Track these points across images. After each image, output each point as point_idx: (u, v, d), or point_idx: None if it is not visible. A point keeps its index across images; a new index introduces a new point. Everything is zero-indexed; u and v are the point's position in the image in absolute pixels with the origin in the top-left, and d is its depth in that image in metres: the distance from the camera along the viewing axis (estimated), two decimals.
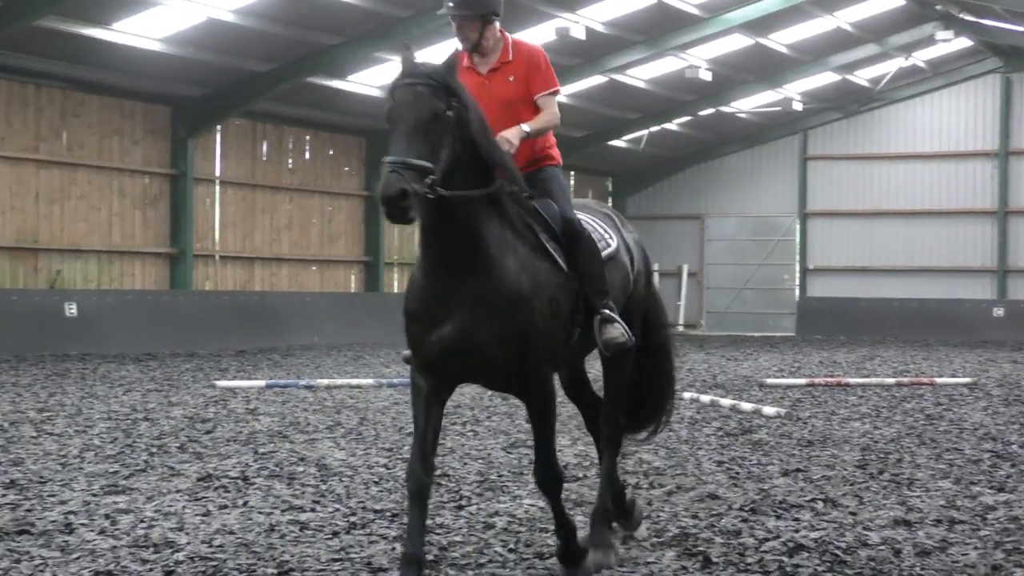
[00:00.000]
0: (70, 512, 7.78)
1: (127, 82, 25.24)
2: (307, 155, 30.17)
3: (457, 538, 7.15)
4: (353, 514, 7.82)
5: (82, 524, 7.43)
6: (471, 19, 6.54)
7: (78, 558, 6.60)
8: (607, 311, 6.36)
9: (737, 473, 9.55)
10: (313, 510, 7.96)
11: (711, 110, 35.62)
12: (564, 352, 6.37)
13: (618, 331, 6.36)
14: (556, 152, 6.89)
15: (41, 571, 6.36)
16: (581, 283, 6.32)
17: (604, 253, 6.63)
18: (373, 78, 27.85)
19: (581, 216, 6.67)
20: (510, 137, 6.35)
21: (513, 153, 6.29)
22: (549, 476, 6.21)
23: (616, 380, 7.11)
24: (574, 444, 11.07)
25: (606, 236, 6.82)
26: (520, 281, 5.91)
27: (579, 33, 26.47)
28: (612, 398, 7.16)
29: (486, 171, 5.99)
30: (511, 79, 6.63)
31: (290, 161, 29.77)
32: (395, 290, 32.44)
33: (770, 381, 17.96)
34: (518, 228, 6.09)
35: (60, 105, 24.61)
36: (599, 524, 6.79)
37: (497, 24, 6.64)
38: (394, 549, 6.87)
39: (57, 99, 24.53)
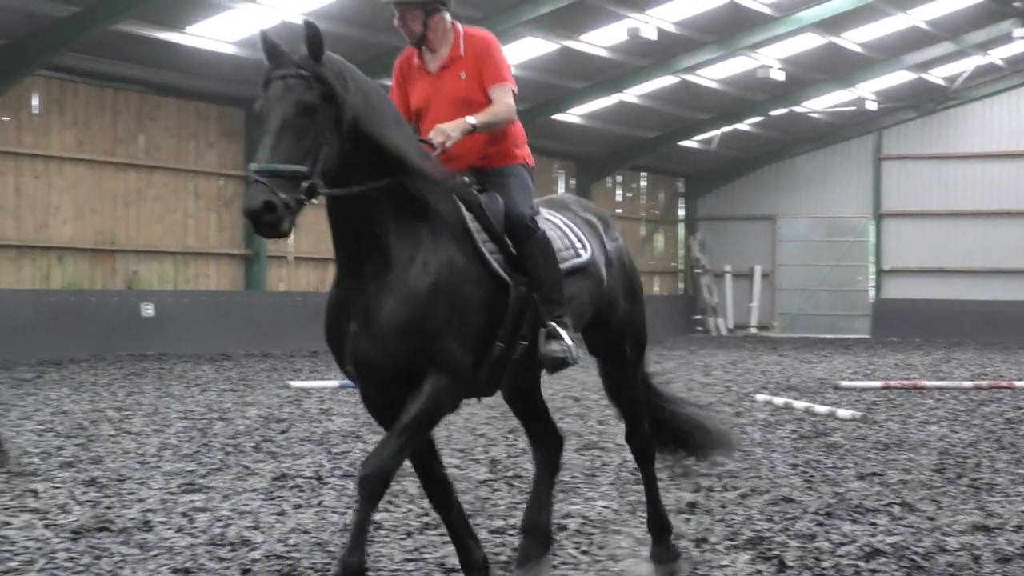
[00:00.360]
0: (148, 510, 7.88)
1: (202, 85, 25.52)
2: None
3: None
4: (426, 514, 7.83)
5: (160, 522, 7.52)
6: (412, 8, 5.89)
7: (156, 555, 6.68)
8: (554, 324, 5.68)
9: (812, 477, 9.46)
10: (386, 510, 7.98)
11: (783, 110, 35.33)
12: (491, 369, 5.65)
13: (560, 346, 5.67)
14: (523, 152, 6.19)
15: (120, 568, 6.44)
16: (530, 289, 5.69)
17: (572, 262, 6.01)
18: None
19: (553, 219, 6.15)
20: (448, 129, 5.71)
21: (447, 147, 5.67)
22: (376, 474, 5.22)
23: (622, 397, 6.65)
24: None
25: (577, 244, 6.13)
26: (421, 281, 5.32)
27: (650, 33, 26.37)
28: (628, 418, 6.69)
29: (395, 166, 5.38)
30: (462, 75, 5.95)
31: None
32: None
33: (845, 384, 17.80)
34: (444, 226, 5.48)
35: (137, 108, 24.93)
36: (660, 539, 6.59)
37: (447, 15, 5.98)
38: None
39: (134, 102, 24.86)
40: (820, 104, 36.10)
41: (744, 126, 36.65)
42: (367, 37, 24.54)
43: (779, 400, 15.03)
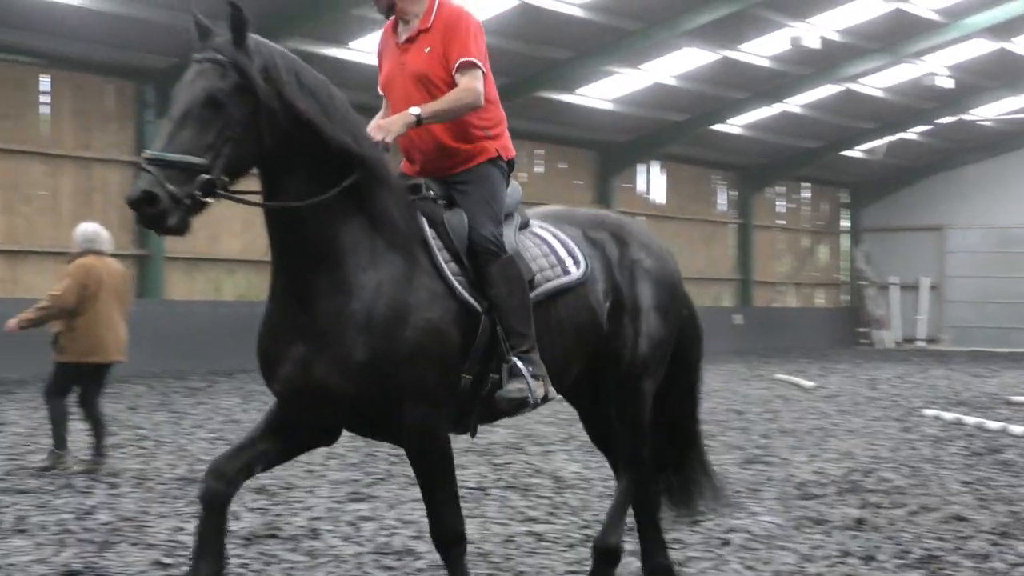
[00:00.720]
0: (316, 518, 8.03)
1: (364, 100, 25.83)
2: (539, 168, 30.46)
3: (693, 554, 7.09)
4: (588, 527, 7.82)
5: (327, 530, 7.66)
6: None
7: (324, 563, 6.80)
8: (516, 360, 5.08)
9: (985, 494, 9.18)
10: (548, 522, 8.01)
11: (952, 118, 34.45)
12: (465, 399, 5.17)
13: (518, 385, 5.06)
14: (497, 143, 5.56)
15: (290, 575, 6.57)
16: (495, 319, 5.12)
17: (558, 282, 5.42)
18: (603, 91, 27.97)
19: (543, 232, 5.58)
20: (387, 124, 5.14)
21: (388, 143, 5.09)
22: (448, 538, 5.21)
23: (624, 419, 5.97)
24: (811, 461, 10.84)
25: (567, 261, 5.52)
26: (377, 302, 4.84)
27: (813, 42, 26.00)
28: (626, 444, 6.05)
29: (345, 166, 4.88)
30: (427, 50, 5.31)
31: (523, 175, 30.13)
32: None
33: (1018, 399, 17.24)
34: (401, 241, 4.98)
35: None
36: (604, 568, 6.03)
37: None
38: (628, 563, 6.86)
39: None
40: (990, 112, 35.09)
41: (910, 135, 35.84)
42: (532, 51, 24.72)
43: (949, 415, 14.64)
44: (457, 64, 5.27)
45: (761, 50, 27.32)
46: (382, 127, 5.13)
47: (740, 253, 36.09)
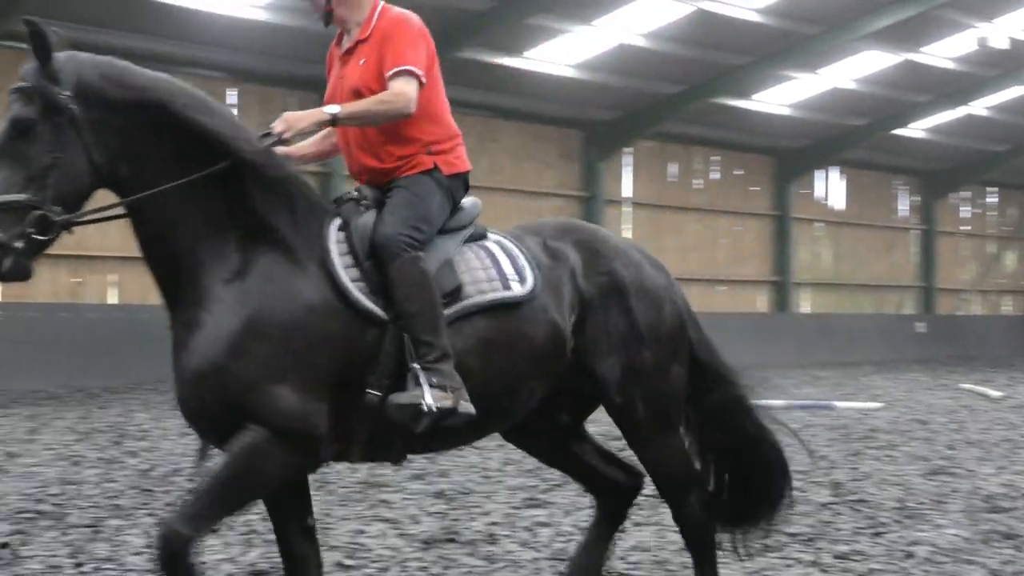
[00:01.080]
0: (493, 523, 8.10)
1: (541, 108, 26.11)
2: (715, 175, 30.22)
3: (876, 566, 6.94)
4: (766, 536, 7.71)
5: (504, 535, 7.71)
6: None
7: (502, 568, 6.85)
8: (416, 368, 4.57)
9: None
10: None
11: None
12: (370, 424, 4.67)
13: (411, 393, 4.56)
14: (438, 157, 5.08)
15: None
16: (400, 326, 4.65)
17: (488, 297, 4.87)
18: (780, 96, 27.61)
19: (490, 244, 5.06)
20: (293, 118, 4.70)
21: (286, 137, 4.71)
22: (167, 534, 4.36)
23: (649, 469, 5.64)
24: (999, 473, 10.52)
25: (510, 275, 4.95)
26: (233, 315, 4.41)
27: (1001, 43, 25.25)
28: (667, 494, 5.66)
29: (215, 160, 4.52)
30: (361, 62, 4.93)
31: (698, 181, 29.92)
32: (806, 310, 31.97)
33: None
34: (285, 247, 4.55)
35: (479, 132, 25.74)
36: None
37: None
38: (808, 574, 6.76)
39: (476, 126, 25.67)
40: None
41: None
42: (707, 57, 24.57)
43: None
44: (391, 72, 4.84)
45: (945, 52, 26.65)
46: (286, 119, 4.72)
47: (923, 260, 35.23)
